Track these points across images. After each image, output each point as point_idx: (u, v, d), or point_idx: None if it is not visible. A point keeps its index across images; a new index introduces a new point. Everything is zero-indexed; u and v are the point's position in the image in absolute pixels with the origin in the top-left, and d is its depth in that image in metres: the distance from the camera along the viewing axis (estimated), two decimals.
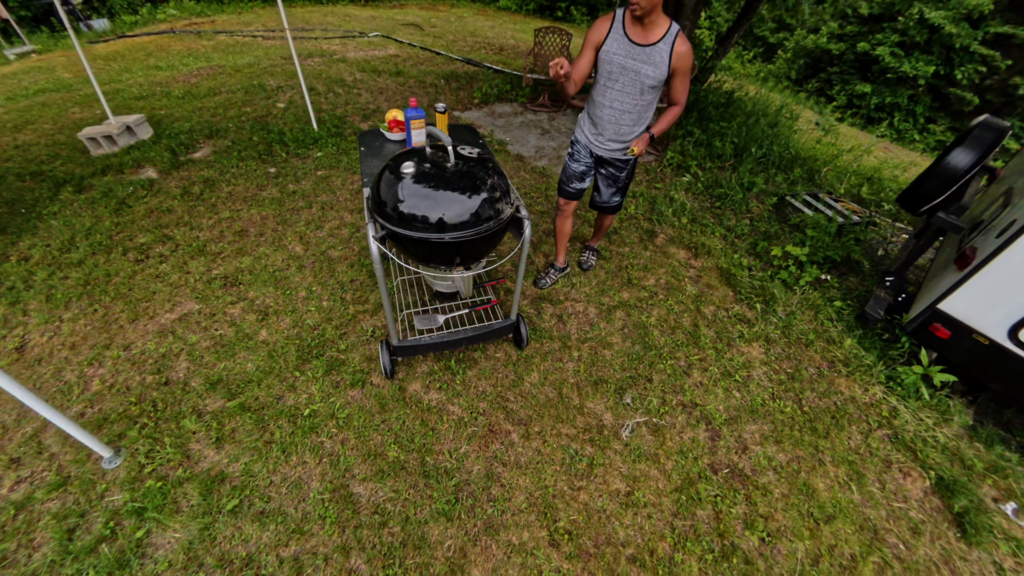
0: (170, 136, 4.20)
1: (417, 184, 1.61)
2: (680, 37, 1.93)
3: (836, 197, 3.95)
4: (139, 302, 2.53)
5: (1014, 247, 2.07)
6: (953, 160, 2.65)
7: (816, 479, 2.18)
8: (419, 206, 1.59)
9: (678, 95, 2.09)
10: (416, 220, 1.59)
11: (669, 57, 1.93)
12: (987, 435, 2.43)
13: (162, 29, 8.07)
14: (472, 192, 1.64)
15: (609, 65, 2.00)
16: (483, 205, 1.64)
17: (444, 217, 1.59)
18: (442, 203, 1.59)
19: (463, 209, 1.61)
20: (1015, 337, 2.17)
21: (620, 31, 1.95)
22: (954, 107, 9.27)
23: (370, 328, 2.44)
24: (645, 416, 2.28)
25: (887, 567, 1.94)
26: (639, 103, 2.08)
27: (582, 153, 2.39)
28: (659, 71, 1.96)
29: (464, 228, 1.61)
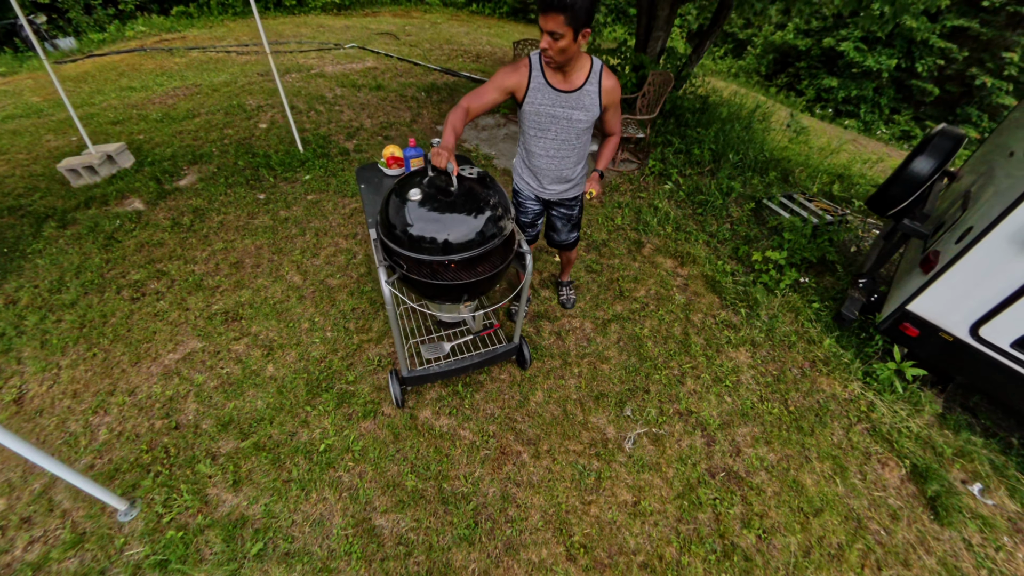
0: (153, 164, 4.07)
1: (423, 208, 1.60)
2: (605, 72, 1.83)
3: (810, 197, 4.11)
4: (140, 343, 2.47)
5: (971, 254, 2.22)
6: (916, 167, 2.80)
7: (804, 475, 2.30)
8: (427, 229, 1.58)
9: (612, 127, 2.02)
10: (424, 242, 1.58)
11: (599, 97, 1.83)
12: (955, 422, 2.60)
13: (132, 47, 7.75)
14: (477, 212, 1.63)
15: (537, 117, 1.86)
16: (487, 224, 1.64)
17: (449, 238, 1.58)
18: (449, 225, 1.58)
19: (469, 229, 1.60)
20: (976, 334, 2.33)
21: (541, 81, 1.78)
22: (916, 98, 9.70)
23: (376, 357, 2.45)
24: (645, 427, 2.36)
25: (870, 552, 2.07)
26: (576, 145, 1.99)
27: (528, 202, 2.25)
28: (591, 113, 1.86)
29: (470, 247, 1.60)
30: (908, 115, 9.67)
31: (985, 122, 9.19)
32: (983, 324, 2.30)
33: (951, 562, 2.08)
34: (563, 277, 2.93)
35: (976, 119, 9.20)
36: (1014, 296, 2.15)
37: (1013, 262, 2.10)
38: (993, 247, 2.15)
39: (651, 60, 4.76)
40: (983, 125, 9.20)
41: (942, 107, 9.69)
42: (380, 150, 4.57)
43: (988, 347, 2.32)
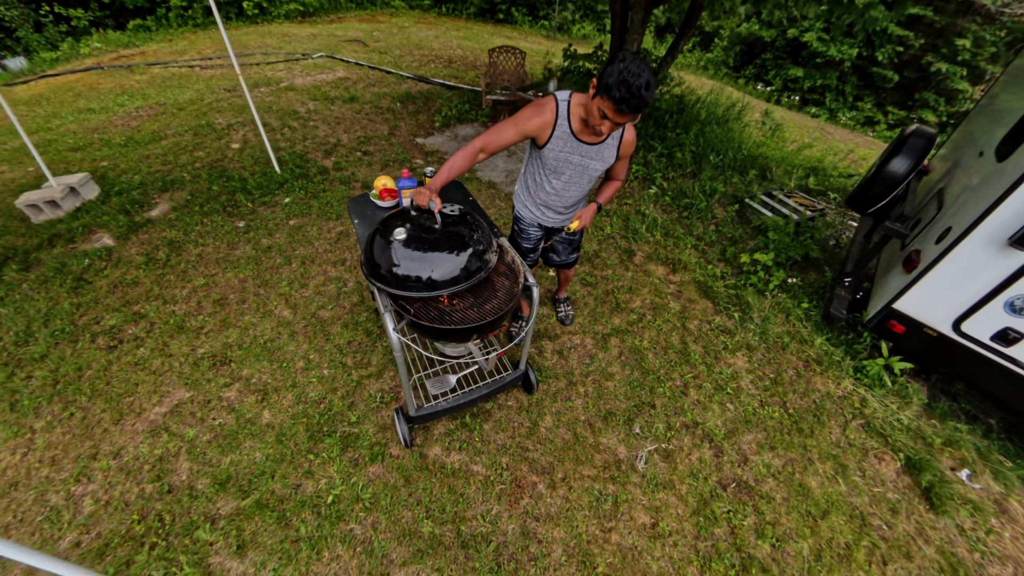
0: (121, 194, 3.76)
1: (407, 248, 1.57)
2: (628, 128, 1.77)
3: (788, 193, 4.13)
4: (121, 398, 2.26)
5: (952, 255, 2.28)
6: (893, 167, 2.83)
7: (808, 478, 2.29)
8: (412, 267, 1.55)
9: (620, 174, 1.99)
10: (410, 280, 1.55)
11: (617, 149, 1.80)
12: (940, 410, 2.65)
13: (88, 65, 7.18)
14: (460, 249, 1.61)
15: (555, 161, 1.80)
16: (471, 259, 1.61)
17: (434, 275, 1.55)
18: (434, 262, 1.56)
19: (453, 266, 1.58)
20: (958, 329, 2.38)
21: (567, 132, 1.71)
22: (877, 84, 9.96)
23: (378, 394, 2.31)
24: (655, 443, 2.30)
25: (875, 548, 2.08)
26: (586, 188, 1.98)
27: (530, 229, 2.17)
28: (606, 163, 1.83)
29: (456, 283, 1.58)
30: (871, 101, 9.94)
31: (942, 106, 9.55)
32: (965, 320, 2.36)
33: (948, 549, 2.11)
34: (560, 293, 2.84)
35: (934, 103, 9.54)
36: (993, 293, 2.22)
37: (991, 262, 2.17)
38: (973, 248, 2.21)
39: None
40: (941, 109, 9.55)
41: (901, 92, 9.98)
42: (360, 168, 4.36)
43: (970, 341, 2.37)
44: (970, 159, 2.77)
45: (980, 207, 2.18)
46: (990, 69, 9.09)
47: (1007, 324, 2.25)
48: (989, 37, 8.65)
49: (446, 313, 1.68)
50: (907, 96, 9.92)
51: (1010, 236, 2.08)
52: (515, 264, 1.90)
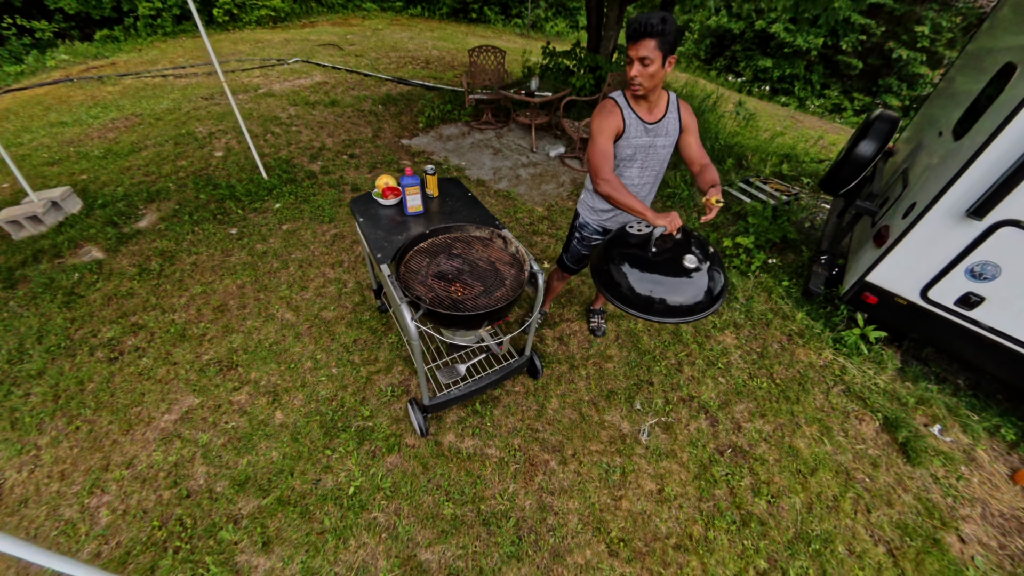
0: (105, 206, 3.65)
1: (667, 275, 1.52)
2: (681, 101, 1.83)
3: (765, 179, 4.30)
4: (128, 408, 2.22)
5: (917, 228, 2.43)
6: (861, 150, 2.99)
7: (797, 440, 2.42)
8: (659, 291, 1.51)
9: (697, 151, 1.87)
10: (653, 303, 1.50)
11: (679, 123, 1.81)
12: (912, 373, 2.82)
13: (56, 78, 6.86)
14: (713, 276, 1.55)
15: (629, 149, 1.81)
16: (706, 293, 1.54)
17: (678, 302, 1.51)
18: (676, 289, 1.52)
19: (698, 290, 1.52)
20: (926, 297, 2.54)
21: (633, 117, 1.75)
22: (843, 72, 10.31)
23: (388, 388, 2.33)
24: (655, 417, 2.39)
25: (860, 499, 2.22)
26: (656, 174, 1.94)
27: (593, 236, 2.17)
28: (672, 138, 1.82)
29: (693, 312, 1.53)
30: (837, 89, 10.29)
31: (905, 91, 9.98)
32: (931, 287, 2.51)
33: (923, 495, 2.27)
34: (596, 305, 2.81)
35: (896, 88, 9.95)
36: (954, 262, 2.37)
37: (952, 233, 2.32)
38: (935, 221, 2.35)
39: (605, 60, 4.76)
40: (903, 93, 9.97)
41: (866, 79, 10.36)
42: (348, 171, 4.33)
43: (936, 307, 2.53)
44: (931, 139, 2.94)
45: (941, 182, 2.32)
46: (948, 54, 9.54)
47: (968, 289, 2.40)
48: (946, 24, 9.08)
49: (459, 302, 1.72)
50: (871, 82, 10.31)
51: (968, 207, 2.23)
52: (519, 253, 1.95)
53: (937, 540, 2.10)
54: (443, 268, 1.88)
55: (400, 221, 2.06)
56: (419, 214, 2.10)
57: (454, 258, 1.93)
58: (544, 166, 4.54)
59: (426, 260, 1.91)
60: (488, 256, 1.97)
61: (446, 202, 2.21)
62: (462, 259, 1.92)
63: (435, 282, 1.81)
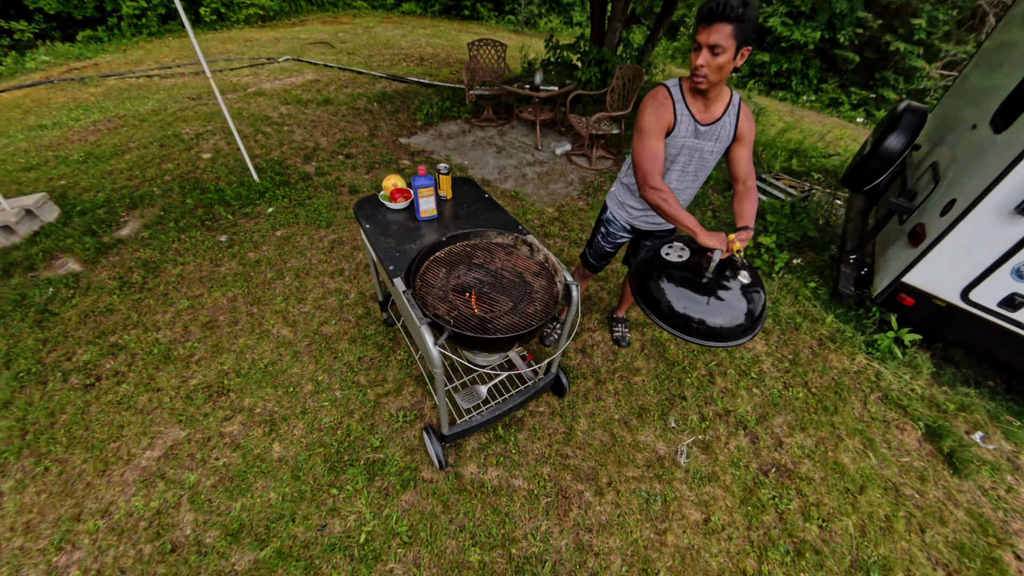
0: (84, 213, 3.29)
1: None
2: (743, 105, 1.56)
3: (776, 175, 4.07)
4: (105, 444, 1.90)
5: (960, 227, 2.25)
6: (889, 145, 2.76)
7: (841, 455, 2.21)
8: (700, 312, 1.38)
9: (745, 167, 1.60)
10: (692, 322, 1.38)
11: (734, 129, 1.55)
12: (948, 377, 2.62)
13: (36, 80, 6.38)
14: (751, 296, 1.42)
15: (673, 149, 1.60)
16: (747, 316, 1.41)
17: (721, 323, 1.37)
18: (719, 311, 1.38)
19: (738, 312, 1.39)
20: (966, 298, 2.35)
21: (686, 113, 1.52)
22: (840, 66, 10.13)
23: (399, 412, 2.05)
24: (692, 435, 2.15)
25: (912, 517, 2.01)
26: (697, 179, 1.71)
27: (620, 233, 1.98)
28: (722, 144, 1.58)
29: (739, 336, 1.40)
30: (834, 83, 10.11)
31: (901, 84, 9.84)
32: (972, 288, 2.33)
33: (975, 510, 2.07)
34: (619, 312, 2.57)
35: (893, 82, 9.82)
36: (999, 261, 2.19)
37: (999, 231, 2.15)
38: (980, 219, 2.18)
39: (611, 52, 4.49)
40: (900, 87, 9.84)
41: (862, 73, 10.19)
42: (344, 172, 4.01)
43: (977, 308, 2.35)
44: (962, 131, 2.73)
45: (984, 179, 2.16)
46: (944, 47, 9.44)
47: (1014, 290, 2.23)
48: (942, 16, 8.96)
49: (487, 321, 1.45)
50: (868, 76, 10.17)
51: (1017, 205, 2.05)
52: (549, 262, 1.68)
53: (995, 560, 1.90)
54: (464, 281, 1.61)
55: (412, 227, 1.77)
56: (432, 219, 1.82)
57: (476, 269, 1.65)
58: (551, 164, 4.27)
59: (444, 271, 1.63)
60: (513, 265, 1.69)
61: (461, 205, 1.93)
62: (485, 270, 1.65)
63: (457, 297, 1.53)
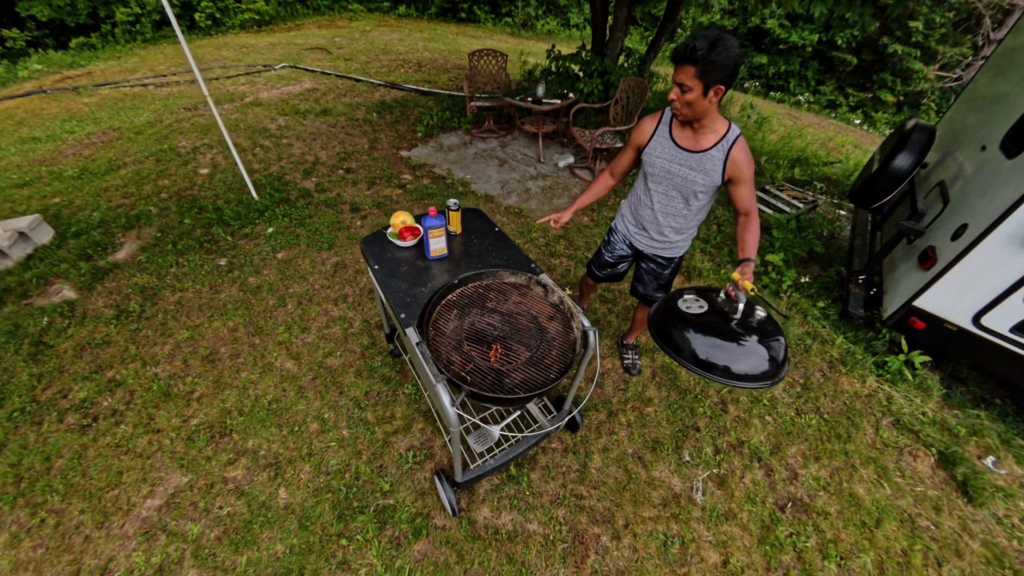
0: (79, 235, 3.16)
1: None
2: (739, 144, 1.50)
3: (780, 186, 3.99)
4: (103, 492, 1.80)
5: (974, 253, 2.20)
6: (898, 164, 2.69)
7: (856, 486, 2.14)
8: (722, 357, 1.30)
9: (744, 203, 1.57)
10: (716, 368, 1.29)
11: (723, 165, 1.52)
12: (958, 399, 2.57)
13: (29, 89, 6.17)
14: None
15: (651, 167, 1.64)
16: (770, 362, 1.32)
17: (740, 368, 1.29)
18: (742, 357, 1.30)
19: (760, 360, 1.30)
20: (978, 323, 2.30)
21: (666, 134, 1.58)
22: (837, 68, 10.04)
23: (409, 452, 1.95)
24: (707, 470, 2.08)
25: (929, 551, 1.96)
26: (686, 209, 1.69)
27: (619, 245, 1.99)
28: (710, 179, 1.55)
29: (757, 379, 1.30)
30: (832, 85, 10.03)
31: (899, 86, 9.76)
32: (985, 314, 2.29)
33: (990, 541, 2.02)
34: (629, 339, 2.48)
35: (891, 83, 9.75)
36: (1013, 287, 2.14)
37: (1010, 259, 2.11)
38: (993, 246, 2.13)
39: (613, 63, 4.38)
40: (898, 89, 9.76)
41: (860, 75, 10.10)
42: (345, 188, 3.89)
43: (989, 333, 2.30)
44: (971, 151, 2.66)
45: (997, 206, 2.12)
46: (941, 49, 9.37)
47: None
48: (939, 19, 8.89)
49: (504, 375, 1.36)
50: (865, 78, 10.10)
51: None
52: (565, 306, 1.58)
53: None
54: (478, 327, 1.51)
55: (422, 267, 1.67)
56: (443, 257, 1.72)
57: (489, 313, 1.56)
58: (554, 178, 4.16)
59: (456, 316, 1.54)
60: (528, 308, 1.60)
61: (471, 240, 1.83)
62: (499, 314, 1.56)
63: (472, 348, 1.44)
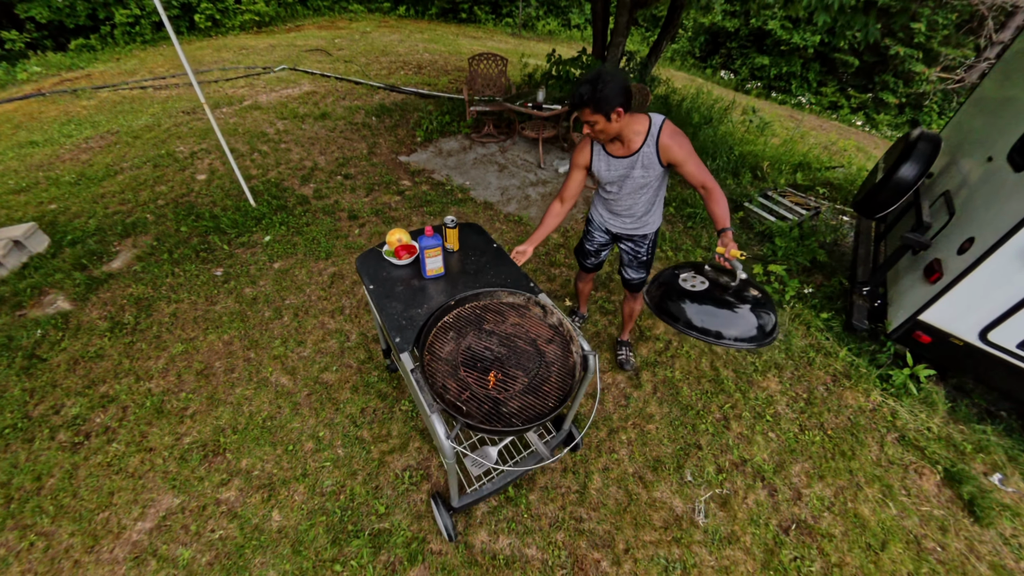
0: (74, 243, 3.12)
1: None
2: (664, 131, 1.64)
3: (782, 192, 3.93)
4: (94, 514, 1.76)
5: (980, 269, 2.15)
6: (903, 174, 2.64)
7: (860, 505, 2.09)
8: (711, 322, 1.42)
9: (695, 178, 1.70)
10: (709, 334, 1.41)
11: (657, 155, 1.68)
12: (963, 412, 2.52)
13: (27, 92, 6.13)
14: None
15: (601, 179, 1.85)
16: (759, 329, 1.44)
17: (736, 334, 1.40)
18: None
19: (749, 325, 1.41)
20: (985, 339, 2.25)
21: (601, 152, 1.76)
22: (839, 70, 9.96)
23: (405, 473, 1.91)
24: (709, 490, 2.03)
25: (935, 574, 1.91)
26: (645, 195, 1.86)
27: (596, 233, 2.14)
28: (652, 171, 1.73)
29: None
30: (834, 86, 9.93)
31: (901, 88, 9.67)
32: (992, 329, 2.24)
33: (997, 562, 1.97)
34: (623, 335, 2.53)
35: (893, 85, 9.66)
36: (1020, 304, 2.09)
37: (1018, 275, 2.06)
38: (1001, 262, 2.09)
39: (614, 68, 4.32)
40: (900, 91, 9.67)
41: (862, 76, 9.99)
42: (343, 194, 3.84)
43: (996, 349, 2.26)
44: (978, 161, 2.60)
45: (1004, 221, 2.07)
46: (944, 51, 9.28)
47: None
48: (941, 20, 8.79)
49: (501, 403, 1.32)
50: (867, 79, 10.00)
51: None
52: (564, 328, 1.54)
53: None
54: (475, 350, 1.47)
55: (418, 287, 1.63)
56: (439, 276, 1.68)
57: (487, 336, 1.51)
58: (554, 184, 4.11)
59: (453, 338, 1.49)
60: (527, 330, 1.55)
61: (469, 257, 1.78)
62: (496, 337, 1.51)
63: (468, 374, 1.39)
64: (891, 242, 3.04)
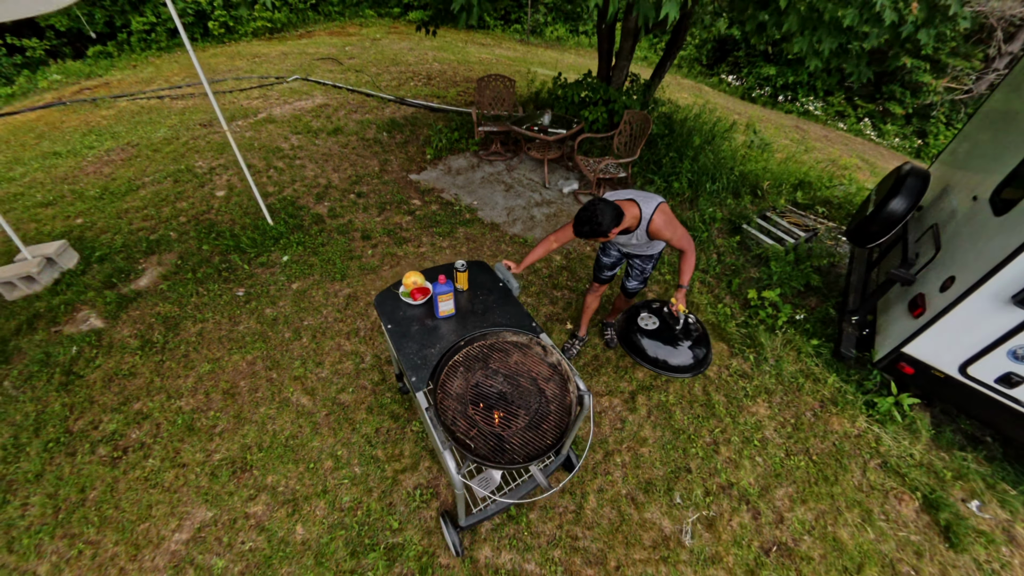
0: (103, 260, 3.32)
1: None
2: (653, 222, 1.98)
3: (782, 212, 4.06)
4: (135, 525, 1.96)
5: (960, 307, 2.28)
6: (893, 208, 2.77)
7: (839, 530, 2.24)
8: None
9: (677, 246, 2.09)
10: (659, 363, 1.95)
11: (648, 235, 2.05)
12: (946, 439, 2.65)
13: (48, 101, 6.37)
14: None
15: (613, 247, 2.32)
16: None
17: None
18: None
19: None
20: (965, 373, 2.38)
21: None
22: (846, 80, 10.00)
23: (416, 491, 2.09)
24: (696, 512, 2.19)
25: None
26: (644, 247, 2.25)
27: (611, 250, 2.47)
28: (647, 246, 2.20)
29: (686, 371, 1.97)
30: (840, 96, 9.99)
31: (908, 98, 9.73)
32: (971, 364, 2.36)
33: None
34: (610, 318, 2.96)
35: (900, 96, 9.73)
36: (997, 342, 2.22)
37: (996, 316, 2.18)
38: (979, 303, 2.21)
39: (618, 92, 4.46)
40: (907, 101, 9.73)
41: (869, 86, 10.06)
42: (356, 213, 4.02)
43: (975, 383, 2.39)
44: (964, 199, 2.72)
45: (983, 263, 2.19)
46: (951, 62, 9.31)
47: (1010, 369, 2.27)
48: (949, 32, 8.85)
49: (504, 440, 1.48)
50: (875, 89, 10.05)
51: (1014, 295, 2.09)
52: (561, 367, 1.70)
53: None
54: (482, 387, 1.63)
55: (432, 326, 1.80)
56: (451, 316, 1.85)
57: (492, 374, 1.68)
58: (559, 204, 4.26)
59: (462, 375, 1.66)
60: (528, 368, 1.72)
61: (477, 297, 1.95)
62: (501, 376, 1.68)
63: (476, 412, 1.56)
64: (883, 270, 3.17)
